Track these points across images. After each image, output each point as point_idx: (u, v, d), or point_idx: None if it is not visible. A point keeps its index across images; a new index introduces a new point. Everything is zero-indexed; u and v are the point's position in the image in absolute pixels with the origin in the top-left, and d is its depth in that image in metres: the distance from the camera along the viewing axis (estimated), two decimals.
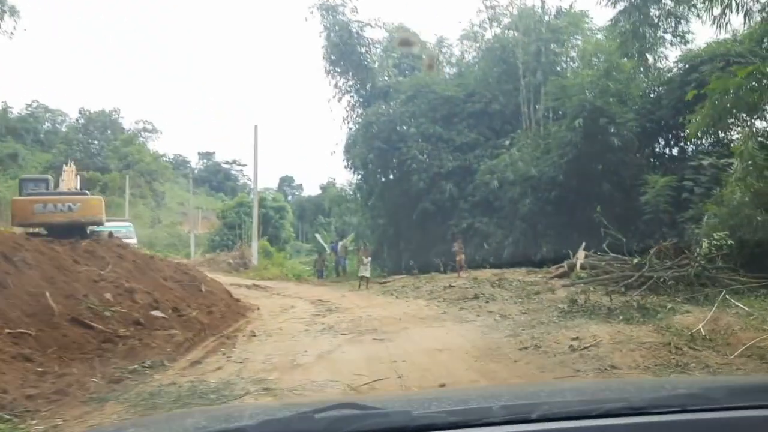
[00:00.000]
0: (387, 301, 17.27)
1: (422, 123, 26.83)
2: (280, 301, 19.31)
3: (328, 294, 20.94)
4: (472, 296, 15.51)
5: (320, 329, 12.42)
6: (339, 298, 19.08)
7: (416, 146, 26.43)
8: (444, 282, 19.41)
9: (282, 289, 23.69)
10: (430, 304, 15.79)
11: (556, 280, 16.46)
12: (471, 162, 26.20)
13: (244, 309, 16.58)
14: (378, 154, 27.11)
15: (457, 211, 26.18)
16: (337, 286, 24.12)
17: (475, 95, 27.24)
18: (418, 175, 26.31)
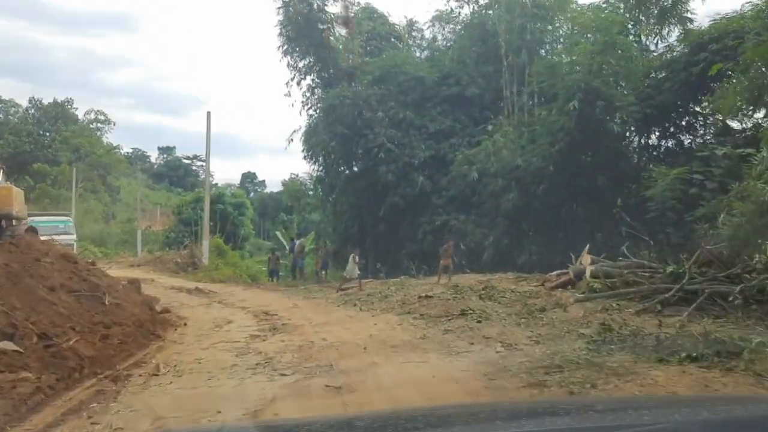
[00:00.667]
0: (348, 315, 13.57)
1: (391, 107, 23.20)
2: (217, 313, 15.49)
3: (278, 302, 17.17)
4: (457, 312, 11.87)
5: (254, 363, 8.66)
6: (290, 309, 15.35)
7: (384, 133, 22.80)
8: (418, 289, 15.84)
9: (227, 295, 19.79)
10: (403, 321, 12.14)
11: (560, 291, 12.99)
12: (446, 152, 22.66)
13: (164, 326, 12.80)
14: (341, 141, 23.36)
15: (430, 206, 22.63)
16: (291, 292, 20.29)
17: (450, 77, 23.70)
18: (386, 166, 22.67)
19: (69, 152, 68.61)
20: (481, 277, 16.98)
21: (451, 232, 21.64)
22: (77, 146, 68.27)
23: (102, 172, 71.61)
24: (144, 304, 14.14)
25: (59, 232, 34.19)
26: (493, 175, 20.50)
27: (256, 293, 20.51)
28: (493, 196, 20.60)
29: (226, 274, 28.70)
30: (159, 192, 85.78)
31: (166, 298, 18.82)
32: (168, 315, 14.79)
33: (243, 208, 63.38)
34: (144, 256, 40.90)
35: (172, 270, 32.72)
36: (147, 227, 65.81)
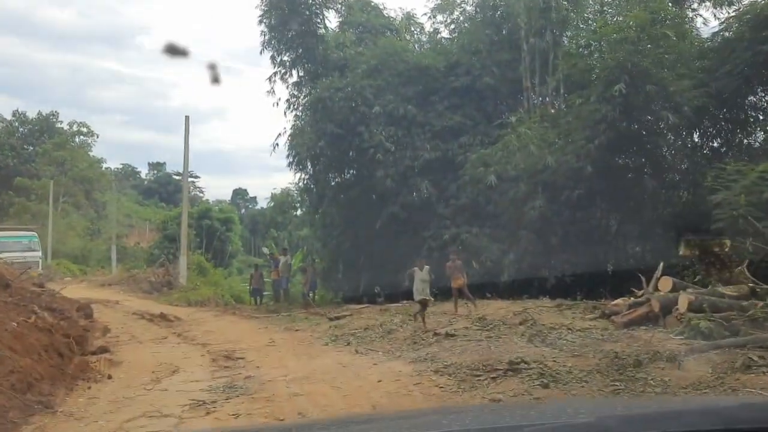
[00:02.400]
0: (340, 362, 9.18)
1: (390, 101, 18.91)
2: (167, 353, 11.14)
3: (251, 336, 12.80)
4: (503, 364, 7.50)
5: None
6: (263, 349, 11.02)
7: (382, 131, 18.51)
8: (431, 322, 11.52)
9: (193, 324, 15.37)
10: (420, 375, 7.82)
11: (642, 331, 8.74)
12: (455, 152, 18.38)
13: (73, 380, 8.55)
14: (331, 141, 19.03)
15: (436, 217, 18.30)
16: (271, 320, 15.83)
17: (459, 66, 19.46)
18: (383, 170, 18.35)
19: (53, 166, 64.06)
20: (508, 305, 12.69)
21: (462, 247, 17.36)
22: (60, 160, 63.67)
23: (87, 186, 67.00)
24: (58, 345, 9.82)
25: (23, 248, 29.70)
26: (514, 178, 16.25)
27: (229, 322, 16.06)
28: (514, 204, 16.32)
29: (204, 294, 24.22)
30: (149, 208, 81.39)
31: (119, 327, 14.87)
32: (96, 358, 10.50)
33: (231, 223, 58.90)
34: (118, 274, 36.28)
35: (145, 290, 28.18)
36: (136, 243, 61.14)
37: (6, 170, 63.56)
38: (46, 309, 15.52)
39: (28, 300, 15.64)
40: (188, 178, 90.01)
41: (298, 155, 21.19)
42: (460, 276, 12.34)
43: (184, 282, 27.22)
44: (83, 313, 16.62)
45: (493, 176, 16.18)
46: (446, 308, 13.37)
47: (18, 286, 16.45)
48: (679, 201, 16.46)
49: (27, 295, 15.87)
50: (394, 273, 18.58)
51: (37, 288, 18.52)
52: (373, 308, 15.61)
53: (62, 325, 13.60)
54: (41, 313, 14.36)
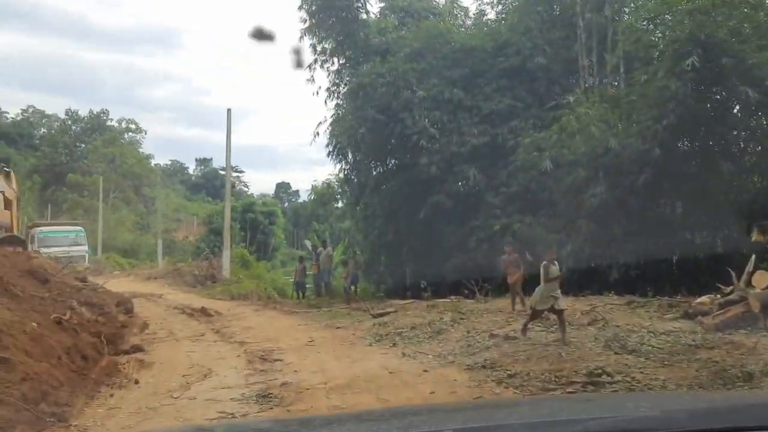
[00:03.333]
0: (386, 366, 8.02)
1: (435, 85, 17.61)
2: (203, 352, 10.18)
3: (290, 334, 11.74)
4: (580, 375, 6.21)
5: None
6: (302, 349, 9.94)
7: (426, 116, 17.22)
8: (486, 321, 10.27)
9: (232, 319, 14.45)
10: (480, 385, 6.59)
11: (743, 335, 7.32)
12: (505, 137, 16.97)
13: (93, 387, 7.72)
14: (373, 128, 17.85)
15: (485, 206, 16.95)
16: (312, 316, 14.79)
17: (508, 47, 18.00)
18: (428, 157, 17.07)
19: (104, 163, 65.00)
20: (571, 302, 11.32)
21: (513, 238, 15.99)
22: (110, 156, 64.50)
23: (136, 182, 67.79)
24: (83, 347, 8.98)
25: (70, 242, 29.60)
26: (572, 163, 14.77)
27: (269, 317, 15.09)
28: (571, 192, 14.86)
29: (247, 287, 23.48)
30: (196, 203, 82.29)
31: (158, 323, 13.91)
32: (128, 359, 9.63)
33: (274, 216, 58.59)
34: (164, 268, 36.07)
35: (189, 283, 27.68)
36: (184, 237, 61.58)
37: (60, 167, 64.69)
38: (85, 304, 14.84)
39: (67, 295, 14.99)
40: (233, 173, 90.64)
41: (339, 144, 20.08)
42: (516, 271, 10.97)
43: (228, 275, 26.58)
44: (123, 308, 15.93)
45: (548, 161, 14.73)
46: (499, 305, 12.09)
47: (59, 280, 15.89)
48: (753, 186, 14.72)
49: (67, 290, 15.17)
50: (439, 266, 17.38)
51: (79, 282, 18.04)
52: (419, 304, 14.40)
53: (99, 320, 12.88)
54: (79, 309, 13.58)
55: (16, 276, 13.78)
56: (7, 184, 20.75)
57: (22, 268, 14.75)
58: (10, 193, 20.80)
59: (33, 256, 17.45)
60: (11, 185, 21.09)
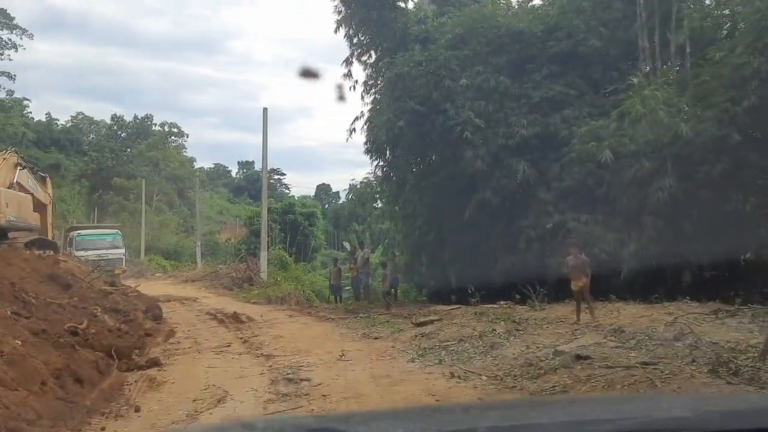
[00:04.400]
0: (431, 391, 6.58)
1: (479, 73, 16.08)
2: (224, 368, 8.95)
3: (323, 345, 10.42)
4: None
5: None
6: (334, 365, 8.61)
7: (470, 106, 15.71)
8: (547, 334, 8.74)
9: (264, 326, 13.27)
10: None
11: None
12: (557, 127, 15.33)
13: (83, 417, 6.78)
14: (412, 121, 16.42)
15: (536, 203, 15.33)
16: (348, 323, 13.46)
17: (559, 30, 16.33)
18: (473, 151, 15.55)
19: (149, 166, 65.49)
20: (643, 309, 9.69)
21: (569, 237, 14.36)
22: (154, 160, 64.90)
23: (180, 185, 68.10)
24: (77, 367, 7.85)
25: (107, 245, 29.12)
26: (634, 154, 13.06)
27: (302, 324, 13.83)
28: (634, 185, 13.13)
29: (284, 290, 22.38)
30: (239, 205, 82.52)
31: (186, 330, 13.13)
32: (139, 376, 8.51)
33: (314, 218, 57.71)
34: (202, 270, 35.46)
35: (226, 286, 26.79)
36: (227, 239, 61.41)
37: (106, 171, 65.40)
38: (109, 311, 13.89)
39: (91, 301, 13.98)
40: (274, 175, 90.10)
41: (376, 140, 18.71)
42: (582, 275, 9.37)
43: (265, 277, 25.57)
44: (151, 313, 14.90)
45: (607, 151, 13.06)
46: (558, 313, 10.53)
47: (85, 286, 14.99)
48: None
49: (91, 296, 14.24)
50: (486, 269, 15.85)
51: (108, 287, 17.16)
52: (465, 310, 12.93)
53: (121, 329, 11.88)
54: (101, 316, 12.64)
55: (36, 282, 12.84)
56: (42, 188, 20.21)
57: (44, 272, 13.90)
58: (45, 197, 20.26)
59: (62, 260, 16.74)
60: (46, 190, 20.57)
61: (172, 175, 63.85)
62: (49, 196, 20.57)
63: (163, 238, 57.98)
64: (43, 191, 19.99)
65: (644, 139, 12.72)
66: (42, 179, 20.51)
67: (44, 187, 20.25)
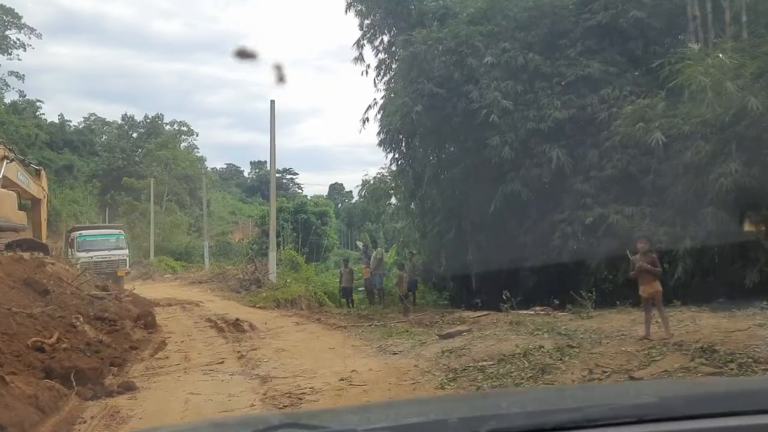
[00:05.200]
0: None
1: (506, 50, 14.25)
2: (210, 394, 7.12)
3: (331, 361, 8.64)
4: None
5: None
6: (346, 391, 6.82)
7: (496, 87, 13.89)
8: (610, 350, 6.87)
9: (267, 336, 11.57)
10: None
11: None
12: (595, 109, 13.45)
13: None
14: (431, 106, 14.63)
15: (572, 195, 13.47)
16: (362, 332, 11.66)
17: (595, 1, 14.44)
18: (500, 137, 13.72)
19: (160, 166, 64.29)
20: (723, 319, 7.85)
21: (610, 233, 12.51)
22: (163, 159, 63.67)
23: (191, 185, 66.85)
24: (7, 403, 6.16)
25: (111, 246, 27.67)
26: (688, 135, 11.19)
27: (310, 334, 12.06)
28: (690, 172, 11.25)
29: (294, 292, 20.69)
30: (252, 205, 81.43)
31: (179, 341, 11.51)
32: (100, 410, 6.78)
33: (326, 217, 56.07)
34: (210, 271, 33.92)
35: (233, 288, 25.17)
36: (240, 240, 60.07)
37: (117, 171, 64.33)
38: (94, 320, 12.18)
39: (73, 309, 12.21)
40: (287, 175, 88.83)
41: (391, 129, 16.95)
42: (654, 278, 7.49)
43: (274, 279, 23.86)
44: (143, 321, 13.24)
45: (659, 133, 11.19)
46: (614, 323, 8.71)
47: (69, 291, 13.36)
48: None
49: (72, 303, 12.63)
50: (514, 270, 14.05)
51: (99, 292, 15.50)
52: (496, 317, 11.15)
53: (103, 341, 10.26)
54: (81, 327, 10.99)
55: (6, 288, 11.22)
56: (36, 183, 18.64)
57: (19, 277, 12.30)
58: (38, 192, 18.67)
59: (48, 262, 15.15)
60: (40, 184, 18.98)
61: (182, 175, 62.53)
62: (43, 191, 18.98)
63: (173, 238, 56.67)
64: (37, 185, 18.45)
65: (701, 119, 10.84)
66: (36, 173, 18.97)
67: (38, 182, 18.69)
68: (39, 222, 18.49)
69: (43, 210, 18.76)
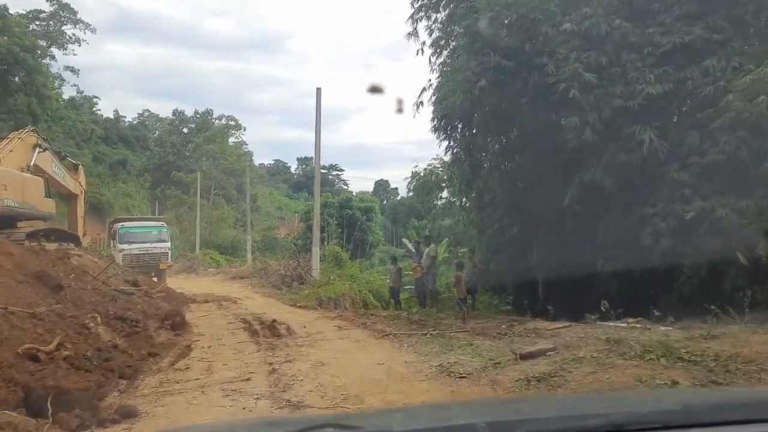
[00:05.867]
0: None
1: (587, 16, 12.04)
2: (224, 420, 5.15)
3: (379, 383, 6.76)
4: None
5: None
6: None
7: (576, 58, 11.73)
8: None
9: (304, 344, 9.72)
10: None
11: None
12: (696, 83, 11.11)
13: None
14: (497, 81, 12.55)
15: (667, 185, 11.18)
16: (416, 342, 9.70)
17: None
18: (579, 117, 11.56)
19: (209, 160, 64.04)
20: None
21: (715, 231, 10.24)
22: (211, 153, 63.32)
23: (238, 180, 66.43)
24: None
25: (153, 239, 26.63)
26: None
27: (354, 342, 10.16)
28: None
29: (339, 290, 19.04)
30: (298, 201, 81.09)
31: (206, 347, 9.87)
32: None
33: (372, 213, 54.53)
34: (252, 266, 32.62)
35: (274, 284, 23.67)
36: (286, 235, 59.33)
37: (168, 166, 64.42)
38: (114, 318, 10.62)
39: (89, 306, 10.65)
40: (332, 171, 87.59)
41: (447, 113, 14.95)
42: None
43: (317, 275, 22.21)
44: (171, 321, 11.70)
45: None
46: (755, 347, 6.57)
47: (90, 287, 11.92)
48: None
49: (90, 300, 11.18)
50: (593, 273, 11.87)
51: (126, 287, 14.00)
52: (580, 329, 9.07)
53: (118, 346, 8.81)
54: (95, 329, 9.52)
55: (15, 282, 9.79)
56: (72, 177, 17.50)
57: (31, 270, 10.91)
58: (75, 186, 17.55)
59: (74, 254, 13.77)
60: (77, 179, 17.84)
61: (229, 169, 61.99)
62: (80, 186, 17.83)
63: (220, 232, 56.08)
64: (74, 180, 17.30)
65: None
66: (73, 167, 17.83)
67: (75, 176, 17.55)
68: (75, 218, 17.37)
69: (80, 206, 17.62)
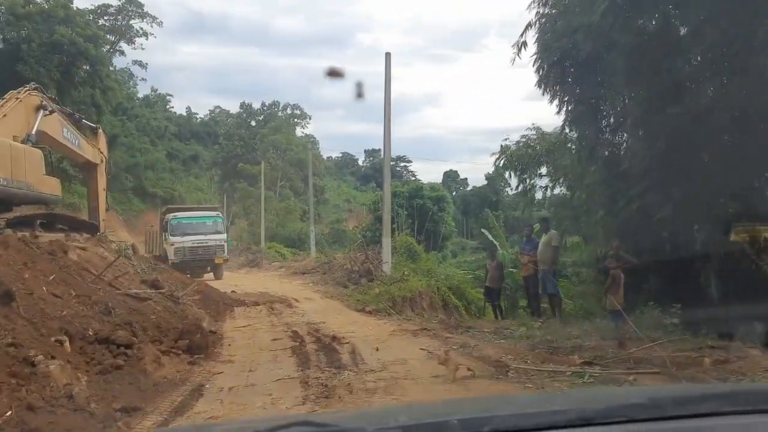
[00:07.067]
0: None
1: None
2: None
3: None
4: None
5: None
6: None
7: None
8: None
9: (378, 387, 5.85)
10: None
11: None
12: None
13: None
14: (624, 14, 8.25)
15: None
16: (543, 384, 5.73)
17: None
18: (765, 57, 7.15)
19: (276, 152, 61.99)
20: None
21: None
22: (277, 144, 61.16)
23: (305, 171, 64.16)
24: None
25: (208, 230, 23.83)
26: None
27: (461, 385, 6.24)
28: None
29: (414, 287, 15.30)
30: (366, 193, 78.70)
31: (229, 385, 6.65)
32: None
33: (443, 203, 50.27)
34: (315, 259, 29.33)
35: (339, 281, 20.09)
36: (354, 227, 56.61)
37: (236, 159, 62.93)
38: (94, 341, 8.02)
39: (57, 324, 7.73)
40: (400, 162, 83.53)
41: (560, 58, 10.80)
42: None
43: (388, 270, 18.41)
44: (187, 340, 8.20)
45: None
46: None
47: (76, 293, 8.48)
48: None
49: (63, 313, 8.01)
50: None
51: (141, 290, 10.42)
52: None
53: (77, 393, 5.38)
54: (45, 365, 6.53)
55: None
56: (90, 143, 14.41)
57: None
58: (94, 154, 14.37)
59: (77, 247, 10.57)
60: (96, 145, 14.69)
61: (296, 160, 59.56)
62: (100, 153, 14.49)
63: (287, 224, 53.68)
64: (92, 147, 14.08)
65: None
66: (92, 132, 14.67)
67: (94, 142, 14.33)
68: (96, 191, 14.22)
69: (101, 177, 14.32)
